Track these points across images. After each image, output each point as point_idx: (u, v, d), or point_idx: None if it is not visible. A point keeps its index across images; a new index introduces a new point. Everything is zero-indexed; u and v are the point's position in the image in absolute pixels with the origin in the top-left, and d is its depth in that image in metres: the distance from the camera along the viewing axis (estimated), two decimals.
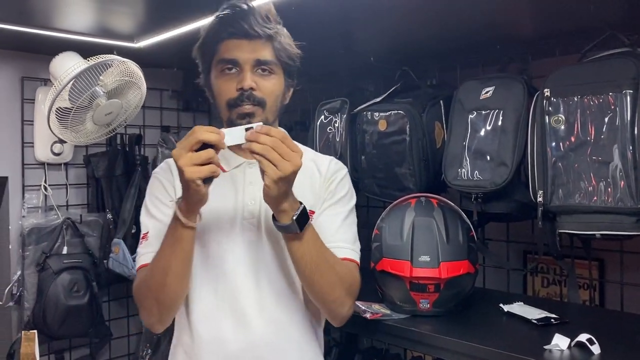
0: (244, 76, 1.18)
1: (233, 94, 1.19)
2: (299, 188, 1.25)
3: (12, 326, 2.20)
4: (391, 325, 1.47)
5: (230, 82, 1.20)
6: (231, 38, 1.19)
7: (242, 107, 1.19)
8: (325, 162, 1.37)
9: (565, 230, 1.45)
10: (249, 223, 1.25)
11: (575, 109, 1.41)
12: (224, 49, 1.20)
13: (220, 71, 1.21)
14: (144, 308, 1.21)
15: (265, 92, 1.20)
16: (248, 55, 1.18)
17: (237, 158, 1.30)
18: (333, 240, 1.25)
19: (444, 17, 1.54)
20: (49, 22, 1.73)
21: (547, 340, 1.27)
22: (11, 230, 2.18)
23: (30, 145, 2.21)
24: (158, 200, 1.29)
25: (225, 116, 1.23)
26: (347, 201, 1.34)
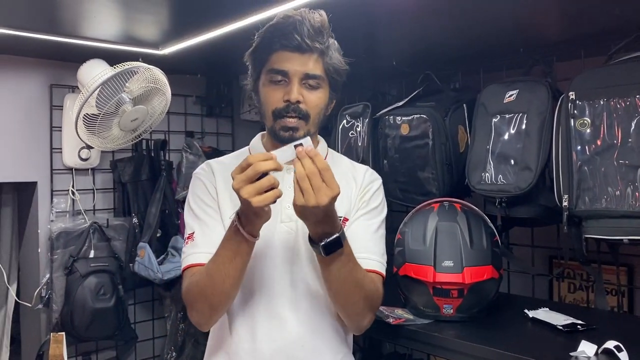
0: (291, 88, 1.21)
1: (280, 104, 1.22)
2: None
3: (41, 328, 2.24)
4: (414, 331, 1.46)
5: (277, 92, 1.22)
6: (283, 49, 1.21)
7: (286, 120, 1.22)
8: (361, 171, 1.39)
9: (592, 235, 1.42)
10: (286, 226, 1.27)
11: (601, 112, 1.39)
12: (275, 59, 1.22)
13: (269, 80, 1.23)
14: (195, 310, 1.23)
15: (311, 105, 1.23)
16: (298, 68, 1.21)
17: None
18: (363, 251, 1.27)
19: (468, 21, 1.53)
20: (77, 30, 1.77)
21: (573, 347, 1.25)
22: (40, 234, 2.23)
23: (58, 150, 2.26)
24: (202, 201, 1.31)
25: (269, 124, 1.26)
26: (380, 212, 1.37)
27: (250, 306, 1.25)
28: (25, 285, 2.41)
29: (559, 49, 1.70)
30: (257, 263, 1.25)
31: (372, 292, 1.25)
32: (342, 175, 1.34)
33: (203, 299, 1.20)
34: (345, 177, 1.35)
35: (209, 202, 1.30)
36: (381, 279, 1.30)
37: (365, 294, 1.22)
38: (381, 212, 1.37)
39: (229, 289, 1.18)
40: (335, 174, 1.30)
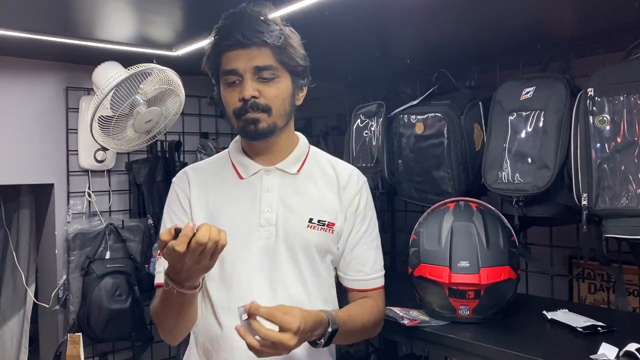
0: (244, 85, 1.19)
1: (237, 103, 1.21)
2: (317, 194, 1.30)
3: (59, 329, 2.26)
4: (430, 332, 1.44)
5: (234, 92, 1.22)
6: (229, 50, 1.20)
7: (246, 115, 1.21)
8: (346, 172, 1.36)
9: (612, 234, 1.39)
10: (265, 230, 1.25)
11: (621, 108, 1.36)
12: (225, 60, 1.21)
13: (225, 83, 1.23)
14: (160, 329, 1.25)
15: (269, 97, 1.21)
16: (245, 64, 1.19)
17: (254, 165, 1.30)
18: (370, 273, 1.33)
19: (483, 17, 1.51)
20: (91, 33, 1.78)
21: (593, 349, 1.22)
22: (57, 236, 2.25)
23: (74, 153, 2.28)
24: (173, 213, 1.30)
25: (235, 125, 1.26)
26: (375, 221, 1.38)
27: (227, 315, 1.22)
28: (43, 286, 2.43)
29: (576, 45, 1.67)
30: (235, 270, 1.24)
31: (377, 316, 1.31)
32: (323, 178, 1.33)
33: (164, 327, 1.22)
34: (327, 180, 1.33)
35: (179, 215, 1.29)
36: (383, 291, 1.36)
37: (372, 325, 1.31)
38: (376, 221, 1.38)
39: (184, 326, 1.22)
40: (314, 177, 1.33)
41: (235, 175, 1.31)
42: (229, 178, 1.31)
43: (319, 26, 1.24)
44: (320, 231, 1.27)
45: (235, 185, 1.29)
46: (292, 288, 1.24)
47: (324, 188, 1.32)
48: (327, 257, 1.31)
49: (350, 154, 2.12)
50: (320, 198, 1.30)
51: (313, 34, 1.25)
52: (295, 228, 1.26)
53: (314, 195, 1.30)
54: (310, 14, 1.28)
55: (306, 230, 1.27)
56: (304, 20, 1.30)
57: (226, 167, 1.33)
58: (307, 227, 1.27)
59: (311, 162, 1.35)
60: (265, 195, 1.27)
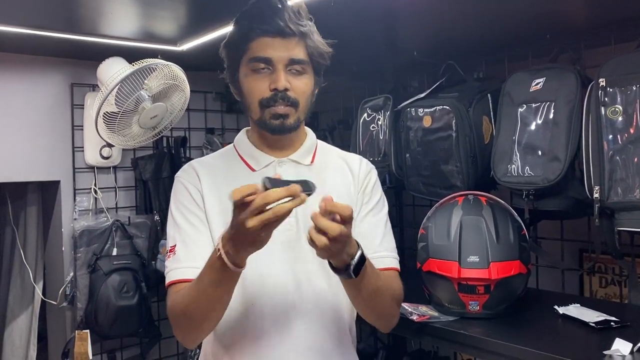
0: (278, 76, 1.15)
1: (266, 93, 1.17)
2: (333, 187, 1.26)
3: (67, 326, 2.26)
4: (439, 328, 1.42)
5: (262, 81, 1.17)
6: (264, 35, 1.16)
7: (275, 108, 1.17)
8: (355, 161, 1.34)
9: (625, 227, 1.37)
10: (286, 222, 1.23)
11: (633, 98, 1.33)
12: (257, 46, 1.17)
13: (252, 69, 1.18)
14: (180, 329, 1.17)
15: (298, 92, 1.18)
16: (282, 54, 1.15)
17: (266, 157, 1.27)
18: (379, 251, 1.24)
19: (491, 7, 1.48)
20: (95, 29, 1.77)
21: (607, 345, 1.20)
22: (64, 233, 2.25)
23: (80, 149, 2.27)
24: (185, 208, 1.23)
25: (255, 116, 1.21)
26: (383, 203, 1.33)
27: (251, 306, 1.19)
28: (51, 283, 2.43)
29: (587, 35, 1.64)
30: (257, 264, 1.17)
31: (398, 290, 1.23)
32: (336, 168, 1.31)
33: (189, 323, 1.15)
34: (339, 169, 1.31)
35: (192, 209, 1.22)
36: (398, 274, 1.27)
37: (392, 295, 1.20)
38: (384, 204, 1.33)
39: (217, 315, 1.13)
40: (328, 167, 1.30)
41: (245, 168, 1.27)
42: (239, 171, 1.27)
43: (325, 18, 1.22)
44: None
45: (247, 178, 1.23)
46: (314, 279, 1.21)
47: (338, 178, 1.30)
48: None
49: (357, 148, 2.10)
50: (336, 188, 1.27)
51: (319, 26, 1.23)
52: None
53: (330, 185, 1.27)
54: (316, 6, 1.26)
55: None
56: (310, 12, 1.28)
57: (234, 161, 1.29)
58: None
59: (321, 153, 1.33)
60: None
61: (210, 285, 1.07)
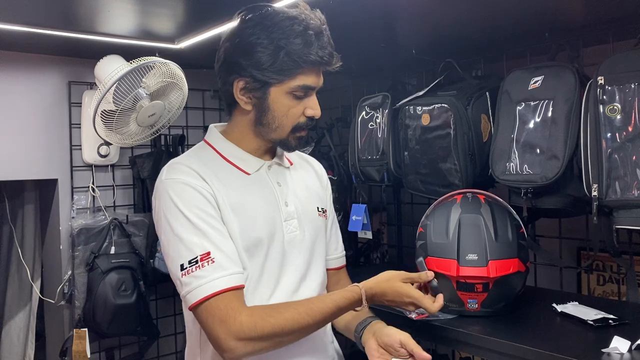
0: (315, 104, 1.23)
1: (301, 118, 1.23)
2: (311, 185, 1.38)
3: (65, 324, 2.26)
4: (438, 326, 1.42)
5: (299, 107, 1.22)
6: (319, 65, 1.19)
7: (303, 133, 1.24)
8: (314, 161, 1.47)
9: (623, 225, 1.37)
10: (289, 224, 1.26)
11: (632, 97, 1.33)
12: (309, 74, 1.19)
13: (295, 94, 1.20)
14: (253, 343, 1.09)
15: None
16: (319, 83, 1.22)
17: (256, 160, 1.27)
18: (340, 250, 1.45)
19: (490, 5, 1.48)
20: (93, 26, 1.76)
21: (605, 343, 1.20)
22: (62, 231, 2.24)
23: (78, 147, 2.27)
24: (203, 212, 1.14)
25: (282, 135, 1.23)
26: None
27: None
28: (49, 281, 2.43)
29: (585, 33, 1.64)
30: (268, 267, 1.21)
31: None
32: (305, 168, 1.42)
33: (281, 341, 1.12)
34: (308, 168, 1.42)
35: (211, 212, 1.15)
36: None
37: None
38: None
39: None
40: (301, 167, 1.40)
41: (236, 171, 1.25)
42: (233, 174, 1.24)
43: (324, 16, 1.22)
44: (323, 217, 1.36)
45: (245, 181, 1.24)
46: (315, 278, 1.29)
47: (311, 177, 1.41)
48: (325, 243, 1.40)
49: (355, 146, 2.10)
50: (314, 187, 1.39)
51: None
52: (311, 218, 1.31)
53: (310, 185, 1.38)
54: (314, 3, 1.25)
55: (318, 218, 1.34)
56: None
57: (221, 164, 1.24)
58: (317, 215, 1.34)
59: (289, 156, 1.39)
60: (279, 190, 1.27)
61: (331, 319, 1.19)
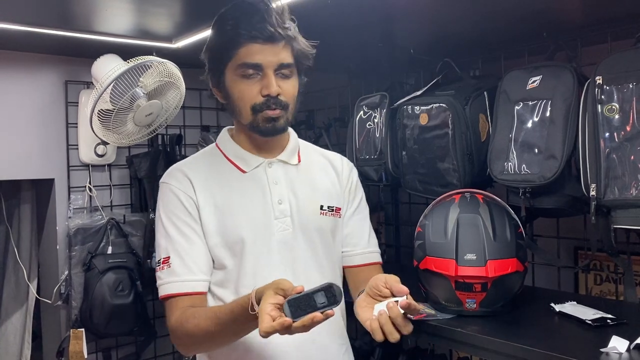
0: (269, 82, 1.17)
1: (258, 99, 1.19)
2: (322, 185, 1.34)
3: (61, 324, 2.25)
4: (436, 326, 1.42)
5: (253, 86, 1.19)
6: (253, 41, 1.17)
7: (268, 112, 1.19)
8: (337, 159, 1.42)
9: (621, 225, 1.37)
10: (281, 222, 1.24)
11: (630, 96, 1.33)
12: (246, 52, 1.17)
13: (242, 75, 1.19)
14: (182, 345, 1.20)
15: (288, 95, 1.21)
16: (271, 59, 1.17)
17: (255, 158, 1.29)
18: (367, 247, 1.39)
19: (488, 4, 1.48)
20: (89, 25, 1.75)
21: (603, 342, 1.20)
22: (58, 231, 2.23)
23: (74, 147, 2.26)
24: (177, 217, 1.23)
25: (246, 120, 1.22)
26: (365, 203, 1.44)
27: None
28: (45, 281, 2.42)
29: (583, 32, 1.64)
30: (257, 266, 1.22)
31: None
32: (320, 166, 1.38)
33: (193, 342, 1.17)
34: (324, 167, 1.38)
35: (185, 219, 1.23)
36: (380, 266, 1.39)
37: None
38: (366, 202, 1.44)
39: (224, 345, 1.19)
40: (313, 166, 1.36)
41: (235, 170, 1.28)
42: (229, 173, 1.28)
43: (321, 15, 1.22)
44: (331, 217, 1.32)
45: (239, 180, 1.26)
46: (312, 278, 1.23)
47: (324, 176, 1.36)
48: (337, 242, 1.35)
49: (353, 146, 2.10)
50: (324, 185, 1.34)
51: (315, 23, 1.23)
52: (309, 217, 1.28)
53: (319, 183, 1.33)
54: (312, 3, 1.25)
55: (320, 217, 1.30)
56: (306, 10, 1.28)
57: (221, 163, 1.30)
58: (320, 214, 1.30)
59: (304, 152, 1.38)
60: (275, 187, 1.26)
61: (232, 330, 1.10)
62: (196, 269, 1.19)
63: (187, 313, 1.17)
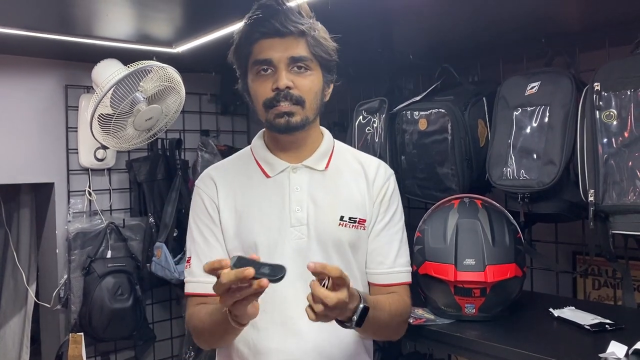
0: (279, 75, 1.15)
1: (269, 94, 1.17)
2: (347, 195, 1.26)
3: (60, 328, 2.25)
4: (435, 331, 1.42)
5: (266, 82, 1.17)
6: (263, 38, 1.16)
7: (279, 107, 1.16)
8: (373, 165, 1.33)
9: (619, 231, 1.37)
10: (297, 230, 1.22)
11: (628, 103, 1.33)
12: (258, 50, 1.17)
13: (256, 73, 1.19)
14: (199, 340, 1.24)
15: (303, 89, 1.17)
16: (281, 54, 1.15)
17: (281, 163, 1.26)
18: (394, 266, 1.28)
19: (487, 10, 1.49)
20: (90, 30, 1.76)
21: (602, 347, 1.20)
22: (58, 235, 2.24)
23: (74, 151, 2.26)
24: (200, 220, 1.27)
25: (263, 117, 1.22)
26: (400, 214, 1.33)
27: (262, 318, 1.17)
28: (44, 286, 2.42)
29: (582, 38, 1.65)
30: None
31: (403, 311, 1.25)
32: (351, 173, 1.30)
33: (200, 337, 1.22)
34: (355, 174, 1.30)
35: (207, 222, 1.25)
36: (409, 287, 1.30)
37: (399, 320, 1.24)
38: (401, 215, 1.33)
39: (222, 342, 1.21)
40: (343, 173, 1.29)
41: (261, 174, 1.27)
42: (254, 177, 1.27)
43: (322, 20, 1.22)
44: (352, 229, 1.24)
45: (262, 184, 1.25)
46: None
47: (352, 184, 1.28)
48: (360, 256, 1.27)
49: None
50: (350, 194, 1.27)
51: None
52: (326, 226, 1.23)
53: (344, 192, 1.27)
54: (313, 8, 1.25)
55: (338, 228, 1.23)
56: None
57: (250, 166, 1.29)
58: (338, 225, 1.23)
59: (337, 157, 1.31)
60: (295, 194, 1.23)
61: (219, 327, 1.11)
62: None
63: (195, 310, 1.22)
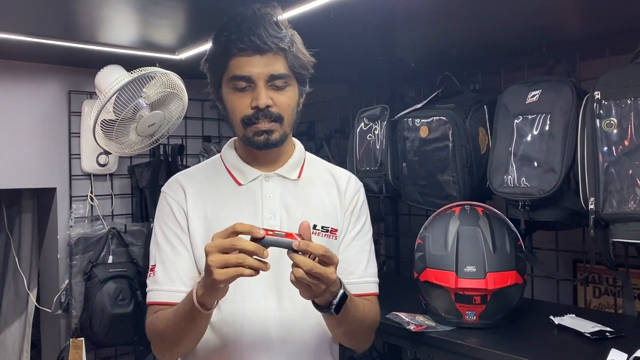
0: (259, 93, 1.14)
1: (248, 111, 1.16)
2: (319, 203, 1.26)
3: (61, 333, 2.25)
4: (436, 338, 1.43)
5: (244, 98, 1.16)
6: (242, 54, 1.14)
7: (258, 125, 1.16)
8: (344, 177, 1.33)
9: (620, 239, 1.38)
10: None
11: (628, 111, 1.34)
12: (235, 65, 1.15)
13: (233, 88, 1.17)
14: (155, 348, 1.19)
15: (282, 106, 1.17)
16: (261, 71, 1.14)
17: (253, 171, 1.25)
18: (363, 276, 1.28)
19: (487, 19, 1.50)
20: (94, 36, 1.77)
21: (602, 355, 1.20)
22: (59, 240, 2.24)
23: (77, 157, 2.27)
24: (167, 226, 1.23)
25: (240, 133, 1.20)
26: (369, 226, 1.33)
27: (234, 327, 1.18)
28: (45, 290, 2.42)
29: (582, 47, 1.66)
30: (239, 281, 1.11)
31: (375, 318, 1.25)
32: (323, 183, 1.30)
33: (161, 342, 1.17)
34: (326, 185, 1.30)
35: (174, 229, 1.22)
36: (377, 298, 1.29)
37: (369, 323, 1.23)
38: (370, 226, 1.34)
39: (186, 341, 1.14)
40: (315, 182, 1.29)
41: (232, 182, 1.25)
42: (225, 185, 1.25)
43: (324, 29, 1.23)
44: (324, 237, 1.23)
45: (233, 192, 1.24)
46: (297, 298, 1.14)
47: (324, 194, 1.28)
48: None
49: (353, 158, 2.11)
50: (322, 204, 1.27)
51: (318, 36, 1.24)
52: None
53: (316, 201, 1.27)
54: (315, 17, 1.26)
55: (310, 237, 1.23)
56: (309, 23, 1.29)
57: (220, 173, 1.28)
58: (311, 233, 1.21)
59: (309, 167, 1.32)
60: (267, 202, 1.22)
61: (183, 319, 1.08)
62: (177, 279, 1.18)
63: (156, 314, 1.18)
